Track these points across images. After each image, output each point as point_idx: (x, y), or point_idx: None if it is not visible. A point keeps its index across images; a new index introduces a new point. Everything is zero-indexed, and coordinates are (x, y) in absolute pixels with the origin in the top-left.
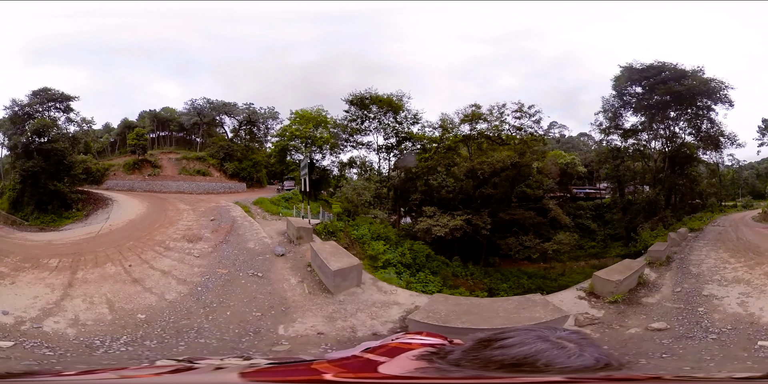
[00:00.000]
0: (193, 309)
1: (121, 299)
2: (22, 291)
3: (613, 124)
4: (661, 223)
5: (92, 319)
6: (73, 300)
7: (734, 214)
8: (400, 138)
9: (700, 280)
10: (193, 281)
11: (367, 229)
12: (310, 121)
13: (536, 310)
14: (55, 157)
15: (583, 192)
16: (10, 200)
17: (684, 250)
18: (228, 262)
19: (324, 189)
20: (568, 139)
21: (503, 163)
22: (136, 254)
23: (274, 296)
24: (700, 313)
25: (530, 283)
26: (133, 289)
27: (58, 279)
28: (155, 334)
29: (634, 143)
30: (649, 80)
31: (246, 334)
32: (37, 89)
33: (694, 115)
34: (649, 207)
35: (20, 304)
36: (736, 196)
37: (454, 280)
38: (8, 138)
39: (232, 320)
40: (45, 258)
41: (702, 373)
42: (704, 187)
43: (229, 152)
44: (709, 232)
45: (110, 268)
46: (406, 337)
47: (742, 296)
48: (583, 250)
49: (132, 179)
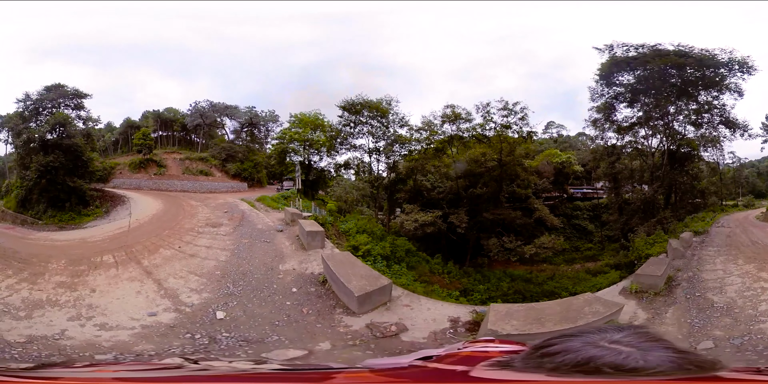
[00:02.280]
0: (239, 262)
1: (195, 269)
2: (115, 294)
3: (604, 115)
4: (659, 226)
5: (199, 287)
6: (168, 282)
7: (736, 213)
8: (389, 141)
9: (740, 321)
10: (230, 248)
11: (354, 224)
12: (308, 124)
13: (590, 309)
14: (74, 153)
15: (580, 192)
16: (18, 198)
17: (692, 264)
18: (246, 236)
19: (322, 189)
20: (565, 139)
21: (483, 158)
22: (177, 239)
23: (276, 252)
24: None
25: (509, 286)
26: (195, 261)
27: (131, 272)
28: (235, 279)
29: (631, 140)
30: (644, 69)
31: (268, 270)
32: (50, 85)
33: (705, 104)
34: (646, 207)
35: (138, 305)
36: (737, 195)
37: (430, 276)
38: (17, 133)
39: (260, 264)
40: (94, 257)
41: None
42: (706, 185)
43: (231, 153)
44: (716, 234)
45: (165, 251)
46: (477, 345)
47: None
48: (579, 252)
49: (138, 178)
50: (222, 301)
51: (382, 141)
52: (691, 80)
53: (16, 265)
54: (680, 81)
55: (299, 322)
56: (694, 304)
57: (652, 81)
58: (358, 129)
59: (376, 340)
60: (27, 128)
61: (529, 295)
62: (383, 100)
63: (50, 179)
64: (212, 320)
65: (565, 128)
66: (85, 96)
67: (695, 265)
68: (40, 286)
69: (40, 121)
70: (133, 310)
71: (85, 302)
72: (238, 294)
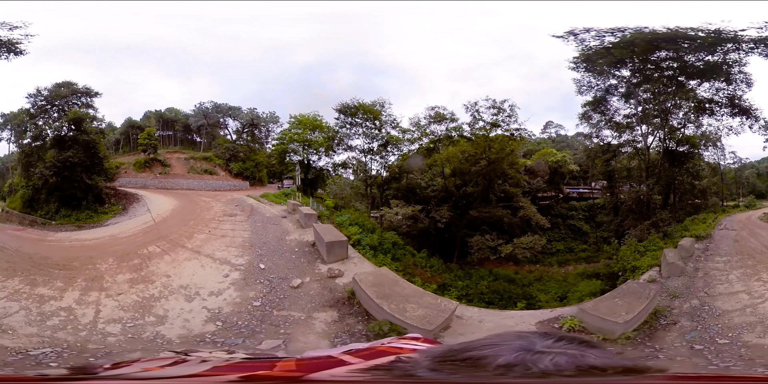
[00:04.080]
0: (259, 237)
1: (231, 244)
2: (188, 272)
3: (597, 110)
4: (653, 230)
5: (240, 254)
6: (216, 255)
7: (738, 214)
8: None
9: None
10: (249, 229)
11: (348, 217)
12: (307, 125)
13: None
14: (91, 150)
15: (576, 192)
16: (25, 198)
17: (695, 285)
18: (259, 221)
19: (321, 187)
20: (563, 138)
21: (470, 156)
22: (204, 226)
23: (283, 230)
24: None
25: (488, 285)
26: (227, 239)
27: (184, 255)
28: (260, 246)
29: (628, 139)
30: (633, 62)
31: (279, 240)
32: (61, 82)
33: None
34: (640, 207)
35: (211, 273)
36: (738, 196)
37: (413, 268)
38: (23, 131)
39: (273, 237)
40: (139, 250)
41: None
42: (707, 185)
43: (234, 153)
44: (720, 239)
45: (200, 236)
46: (399, 342)
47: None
48: (573, 253)
49: (144, 177)
50: (257, 259)
51: (376, 142)
52: (694, 70)
53: (58, 273)
54: (678, 71)
55: (299, 267)
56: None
57: (647, 72)
58: (354, 130)
59: (328, 279)
60: (35, 125)
61: (507, 296)
62: (377, 102)
63: (67, 176)
64: (259, 270)
65: (563, 128)
66: (96, 94)
67: (701, 286)
68: (116, 289)
69: (48, 118)
70: (213, 278)
71: (175, 285)
72: (265, 254)
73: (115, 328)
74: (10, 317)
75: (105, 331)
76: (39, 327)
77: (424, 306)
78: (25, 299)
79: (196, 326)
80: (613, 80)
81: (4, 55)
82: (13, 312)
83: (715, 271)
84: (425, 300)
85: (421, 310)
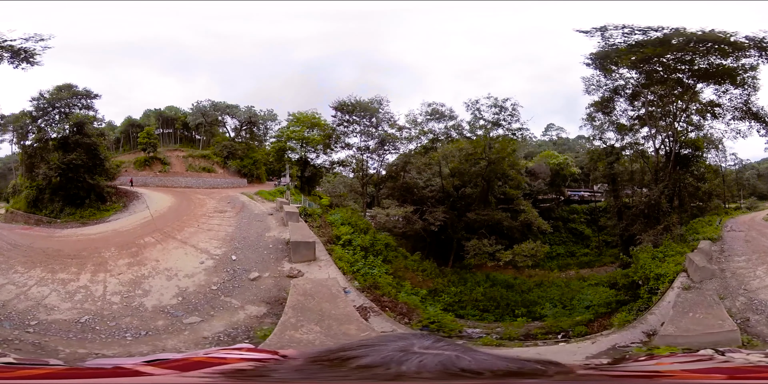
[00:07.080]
0: (240, 232)
1: (214, 237)
2: (173, 258)
3: (602, 111)
4: (667, 234)
5: (219, 246)
6: (199, 245)
7: (741, 216)
8: (378, 139)
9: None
10: (234, 225)
11: (340, 216)
12: (305, 123)
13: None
14: (93, 152)
15: (577, 195)
16: (30, 198)
17: (731, 285)
18: (245, 218)
19: (318, 185)
20: (564, 141)
21: (470, 155)
22: (195, 221)
23: (265, 226)
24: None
25: (484, 291)
26: (212, 233)
27: (173, 244)
28: (239, 240)
29: (631, 142)
30: (648, 63)
31: (258, 236)
32: (61, 85)
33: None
34: (651, 211)
35: (192, 260)
36: (739, 198)
37: (404, 271)
38: (25, 133)
39: (254, 233)
40: (137, 240)
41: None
42: (711, 187)
43: (232, 151)
44: (732, 240)
45: (189, 229)
46: (221, 352)
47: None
48: (574, 257)
49: (144, 175)
50: (233, 251)
51: (373, 140)
52: (712, 71)
53: (71, 261)
54: (691, 73)
55: (265, 262)
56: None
57: (658, 74)
58: (351, 128)
59: (285, 278)
60: (37, 127)
61: (504, 304)
62: (374, 100)
63: (70, 177)
64: (230, 261)
65: (564, 131)
66: (95, 96)
67: (736, 285)
68: (117, 270)
69: (50, 120)
70: (191, 263)
71: (161, 268)
72: (241, 248)
73: (117, 298)
74: (48, 298)
75: (110, 301)
76: (71, 301)
77: (337, 332)
78: (51, 283)
79: (166, 299)
80: (621, 81)
81: (21, 64)
82: (47, 294)
83: (742, 270)
84: (345, 327)
85: (324, 337)
